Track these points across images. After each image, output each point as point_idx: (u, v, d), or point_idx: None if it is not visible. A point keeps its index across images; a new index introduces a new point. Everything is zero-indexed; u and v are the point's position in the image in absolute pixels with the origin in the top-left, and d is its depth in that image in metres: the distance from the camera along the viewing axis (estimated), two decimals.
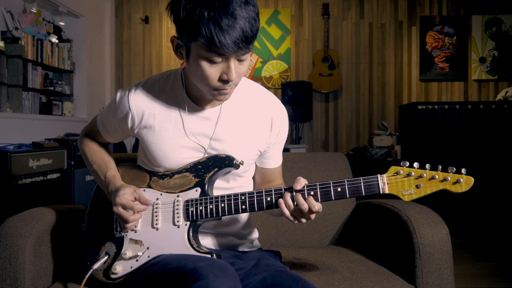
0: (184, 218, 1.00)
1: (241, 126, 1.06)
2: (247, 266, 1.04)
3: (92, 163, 1.14)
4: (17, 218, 1.14)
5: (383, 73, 4.74)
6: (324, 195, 0.93)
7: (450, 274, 1.18)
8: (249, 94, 1.09)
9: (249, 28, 0.84)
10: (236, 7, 0.82)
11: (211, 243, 1.13)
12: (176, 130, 1.04)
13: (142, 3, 4.85)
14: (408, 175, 0.89)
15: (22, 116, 3.38)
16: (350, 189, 0.92)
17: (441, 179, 0.87)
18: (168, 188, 1.04)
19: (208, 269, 0.83)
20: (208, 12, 0.81)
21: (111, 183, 1.04)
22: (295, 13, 4.77)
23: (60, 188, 3.16)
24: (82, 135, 1.23)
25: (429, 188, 0.88)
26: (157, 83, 1.07)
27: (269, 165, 1.17)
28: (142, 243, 1.01)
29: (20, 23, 3.51)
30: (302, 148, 4.20)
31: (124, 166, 1.15)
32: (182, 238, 0.99)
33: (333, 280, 1.15)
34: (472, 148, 3.61)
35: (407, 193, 0.89)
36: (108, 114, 1.12)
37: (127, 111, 1.05)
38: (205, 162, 1.03)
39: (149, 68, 4.87)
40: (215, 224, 1.10)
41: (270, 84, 4.70)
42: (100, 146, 1.21)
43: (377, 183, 0.91)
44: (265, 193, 0.96)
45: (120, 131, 1.13)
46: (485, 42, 4.65)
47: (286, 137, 1.15)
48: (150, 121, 1.04)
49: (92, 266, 1.01)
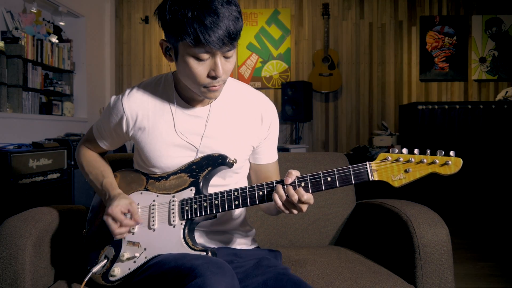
0: (180, 217, 1.01)
1: (231, 123, 1.09)
2: (247, 265, 1.04)
3: (89, 174, 1.17)
4: (17, 218, 1.14)
5: (383, 73, 4.74)
6: (314, 186, 0.93)
7: (450, 274, 1.18)
8: (238, 92, 1.12)
9: (232, 26, 0.88)
10: (218, 5, 0.87)
11: (209, 241, 1.14)
12: (169, 129, 1.06)
13: (142, 3, 4.85)
14: (396, 161, 0.89)
15: (22, 116, 3.38)
16: (340, 178, 0.92)
17: (429, 161, 0.86)
18: (164, 190, 1.06)
19: (205, 267, 0.83)
20: (191, 12, 0.86)
21: (108, 191, 1.07)
22: (295, 13, 4.77)
23: (60, 188, 3.17)
24: (79, 145, 1.25)
25: (418, 172, 0.87)
26: (149, 86, 1.10)
27: (262, 161, 1.18)
28: (140, 244, 1.02)
29: (20, 23, 3.51)
30: (302, 148, 4.20)
31: (122, 172, 1.17)
32: (178, 237, 1.00)
33: (333, 280, 1.15)
34: (472, 148, 3.61)
35: (397, 178, 0.88)
36: (103, 120, 1.15)
37: (122, 115, 1.07)
38: (199, 162, 1.05)
39: (149, 68, 4.87)
40: (212, 222, 1.11)
41: (270, 84, 4.70)
42: (97, 155, 1.23)
43: (366, 170, 0.91)
44: (257, 187, 0.97)
45: (115, 136, 1.14)
46: (485, 42, 4.65)
47: (277, 133, 1.18)
48: (144, 123, 1.07)
49: (92, 269, 1.02)
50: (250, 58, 4.73)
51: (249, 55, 4.74)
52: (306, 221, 1.59)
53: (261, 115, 1.11)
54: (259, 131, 1.12)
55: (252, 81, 4.67)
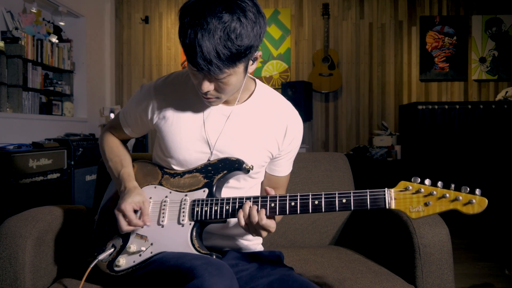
0: (189, 217, 1.01)
1: (253, 127, 1.07)
2: (252, 268, 1.04)
3: (109, 160, 1.17)
4: (17, 218, 1.15)
5: (383, 73, 4.74)
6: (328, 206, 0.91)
7: (450, 274, 1.18)
8: (270, 100, 1.11)
9: (213, 55, 0.83)
10: (208, 29, 0.82)
11: (216, 244, 1.14)
12: (191, 123, 1.06)
13: (142, 3, 4.85)
14: (417, 192, 0.85)
15: (22, 116, 3.38)
16: (355, 202, 0.89)
17: (452, 198, 0.82)
18: (177, 187, 1.06)
19: (204, 268, 0.83)
20: (186, 25, 0.84)
21: (124, 181, 1.07)
22: (295, 13, 4.77)
23: (60, 188, 3.16)
24: (104, 131, 1.26)
25: (438, 207, 0.83)
26: (180, 77, 1.10)
27: (278, 173, 1.18)
28: (147, 238, 1.02)
29: (20, 23, 3.51)
30: (302, 148, 4.18)
31: (140, 162, 1.18)
32: (185, 237, 0.99)
33: (333, 280, 1.15)
34: (472, 148, 3.61)
35: (415, 210, 0.85)
36: (130, 106, 1.16)
37: (149, 101, 1.08)
38: (216, 164, 1.04)
39: (149, 68, 4.87)
40: (221, 225, 1.11)
41: (270, 84, 4.70)
42: (119, 143, 1.24)
43: (384, 197, 0.87)
44: (270, 199, 0.95)
45: (140, 123, 1.15)
46: (485, 42, 4.65)
47: (298, 148, 1.17)
48: (169, 113, 1.07)
49: (98, 256, 1.03)
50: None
51: None
52: (306, 221, 1.59)
53: (286, 127, 1.10)
54: (280, 142, 1.10)
55: None
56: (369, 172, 4.07)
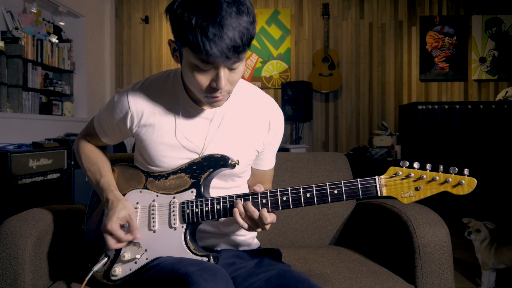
0: (181, 220, 0.99)
1: (238, 127, 1.06)
2: (249, 265, 1.04)
3: (87, 170, 1.13)
4: (17, 218, 1.14)
5: (383, 73, 4.74)
6: (320, 198, 0.91)
7: (450, 274, 1.18)
8: (248, 96, 1.09)
9: (238, 38, 0.81)
10: (226, 15, 0.79)
11: (211, 243, 1.13)
12: (173, 129, 1.03)
13: (142, 3, 4.85)
14: (407, 177, 0.86)
15: (22, 116, 3.38)
16: (347, 192, 0.90)
17: (442, 181, 0.84)
18: (164, 189, 1.03)
19: (199, 274, 0.83)
20: (195, 19, 0.79)
21: (105, 192, 1.03)
22: (295, 13, 4.77)
23: (60, 188, 3.16)
24: (79, 138, 1.21)
25: (429, 190, 0.85)
26: (156, 82, 1.06)
27: (263, 167, 1.18)
28: (140, 245, 1.01)
29: (20, 23, 3.51)
30: (302, 148, 4.20)
31: (120, 166, 1.14)
32: (179, 241, 0.98)
33: (333, 280, 1.15)
34: (472, 148, 3.61)
35: (406, 195, 0.86)
36: (106, 114, 1.11)
37: (127, 111, 1.04)
38: (200, 163, 1.01)
39: (149, 68, 4.87)
40: (214, 224, 1.10)
41: (270, 84, 4.70)
42: (96, 149, 1.19)
43: (375, 184, 0.88)
44: (261, 195, 0.94)
45: (118, 131, 1.11)
46: (485, 42, 4.65)
47: (280, 140, 1.16)
48: (150, 120, 1.03)
49: (92, 268, 1.00)
50: (250, 58, 4.73)
51: (249, 55, 4.73)
52: (306, 221, 1.59)
53: (269, 121, 1.09)
54: (265, 137, 1.10)
55: (252, 81, 4.66)
56: (369, 172, 4.05)
